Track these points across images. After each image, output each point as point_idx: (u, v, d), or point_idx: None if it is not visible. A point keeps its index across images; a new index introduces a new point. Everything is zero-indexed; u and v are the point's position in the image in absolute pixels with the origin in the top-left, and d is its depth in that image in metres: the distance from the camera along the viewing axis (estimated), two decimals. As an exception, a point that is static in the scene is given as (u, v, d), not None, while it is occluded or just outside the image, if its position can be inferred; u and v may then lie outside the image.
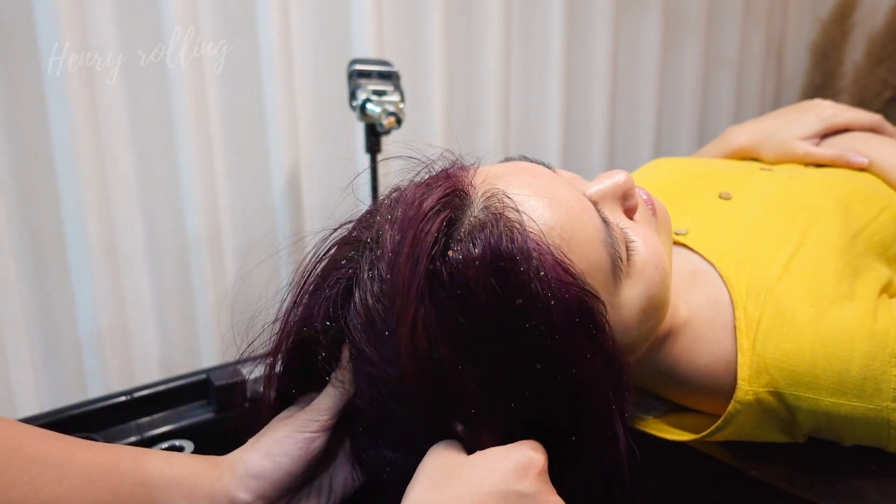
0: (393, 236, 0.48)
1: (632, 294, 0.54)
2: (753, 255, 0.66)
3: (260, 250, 1.14)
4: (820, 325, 0.60)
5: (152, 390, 0.81)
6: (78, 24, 0.98)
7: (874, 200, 0.75)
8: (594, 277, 0.51)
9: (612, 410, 0.51)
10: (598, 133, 1.57)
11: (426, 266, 0.47)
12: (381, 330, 0.48)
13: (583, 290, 0.49)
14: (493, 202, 0.50)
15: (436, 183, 0.51)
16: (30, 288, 1.05)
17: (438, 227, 0.48)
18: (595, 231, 0.52)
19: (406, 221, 0.48)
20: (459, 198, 0.50)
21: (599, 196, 0.56)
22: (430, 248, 0.47)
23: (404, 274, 0.46)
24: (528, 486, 0.46)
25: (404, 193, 0.51)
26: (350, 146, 1.24)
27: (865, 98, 1.79)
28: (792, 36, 1.97)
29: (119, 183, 1.08)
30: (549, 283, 0.48)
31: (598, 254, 0.52)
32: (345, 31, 1.21)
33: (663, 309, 0.58)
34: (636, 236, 0.55)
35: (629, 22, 1.59)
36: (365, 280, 0.49)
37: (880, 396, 0.58)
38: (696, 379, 0.64)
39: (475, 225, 0.48)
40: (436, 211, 0.48)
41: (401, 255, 0.47)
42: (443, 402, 0.48)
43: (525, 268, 0.47)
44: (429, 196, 0.49)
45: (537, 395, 0.49)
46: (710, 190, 0.78)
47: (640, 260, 0.55)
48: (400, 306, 0.46)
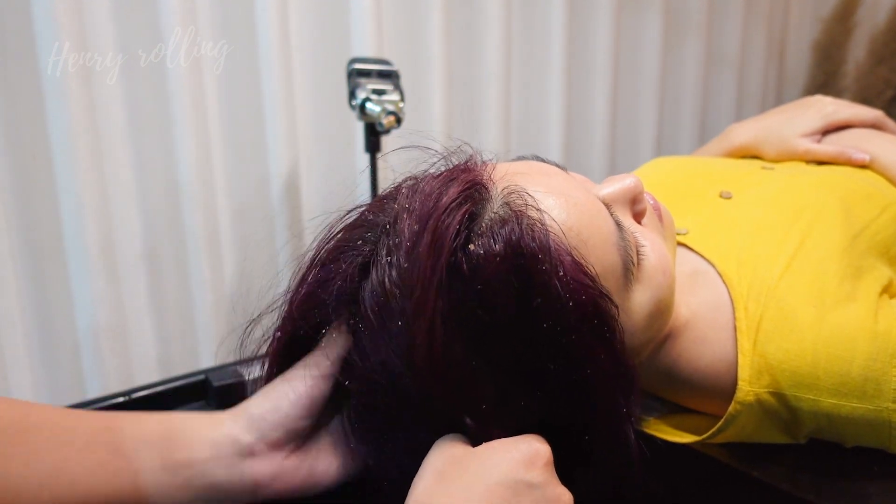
0: (411, 226, 0.48)
1: (640, 299, 0.55)
2: (754, 255, 0.66)
3: (259, 250, 1.14)
4: (821, 325, 0.60)
5: (151, 391, 0.80)
6: (77, 24, 0.98)
7: (876, 200, 0.75)
8: (607, 280, 0.51)
9: (621, 412, 0.51)
10: (599, 132, 1.57)
11: (447, 259, 0.46)
12: (396, 316, 0.48)
13: (599, 293, 0.50)
14: (514, 199, 0.50)
15: (455, 176, 0.51)
16: (28, 287, 1.05)
17: (460, 220, 0.47)
18: (609, 234, 0.53)
19: (426, 212, 0.48)
20: (479, 192, 0.50)
21: (611, 199, 0.56)
22: (451, 240, 0.47)
23: (424, 266, 0.46)
24: (535, 476, 0.46)
25: (422, 184, 0.51)
26: (349, 145, 1.24)
27: (868, 97, 1.78)
28: (794, 35, 1.96)
29: (117, 182, 1.08)
30: (567, 284, 0.48)
31: (612, 257, 0.52)
32: (344, 30, 1.20)
33: (668, 313, 0.59)
34: (646, 241, 0.56)
35: (630, 20, 1.58)
36: (383, 263, 0.49)
37: (881, 397, 0.58)
38: (696, 380, 0.64)
39: (496, 220, 0.48)
40: (458, 203, 0.48)
41: (420, 245, 0.47)
42: (453, 395, 0.48)
43: (545, 267, 0.47)
44: (449, 188, 0.49)
45: (548, 393, 0.49)
46: (711, 189, 0.78)
47: (649, 265, 0.55)
48: (419, 298, 0.46)
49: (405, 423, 0.51)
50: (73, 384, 1.09)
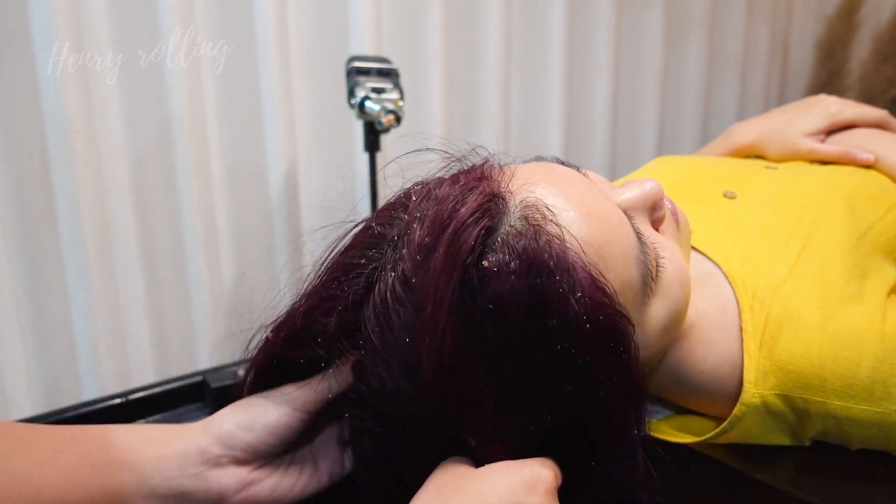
0: (423, 238, 0.46)
1: (657, 312, 0.53)
2: (759, 256, 0.66)
3: (257, 250, 1.13)
4: (828, 326, 0.59)
5: (148, 392, 0.80)
6: (77, 24, 0.98)
7: (881, 199, 0.74)
8: (625, 296, 0.50)
9: (632, 430, 0.50)
10: (600, 131, 1.56)
11: (460, 274, 0.45)
12: (401, 335, 0.46)
13: (617, 313, 0.48)
14: (532, 213, 0.48)
15: (472, 185, 0.48)
16: (24, 288, 1.04)
17: (477, 235, 0.45)
18: (630, 247, 0.51)
19: (440, 224, 0.46)
20: (497, 205, 0.48)
21: (631, 205, 0.54)
22: (466, 256, 0.45)
23: (437, 282, 0.44)
24: (535, 501, 0.45)
25: (436, 191, 0.49)
26: (348, 144, 1.23)
27: (872, 96, 1.77)
28: (797, 33, 1.95)
29: (114, 182, 1.08)
30: (585, 304, 0.46)
31: (631, 271, 0.51)
32: (343, 28, 1.20)
33: (681, 324, 0.57)
34: (664, 252, 0.54)
35: (631, 18, 1.58)
36: (389, 281, 0.47)
37: (889, 400, 0.57)
38: (701, 381, 0.63)
39: (513, 235, 0.46)
40: (475, 219, 0.46)
41: (432, 259, 0.45)
42: (458, 414, 0.47)
43: (562, 287, 0.45)
44: (466, 200, 0.47)
45: (558, 413, 0.48)
46: (715, 189, 0.77)
47: (667, 277, 0.53)
48: (430, 314, 0.44)
49: (407, 446, 0.50)
50: (70, 385, 1.09)
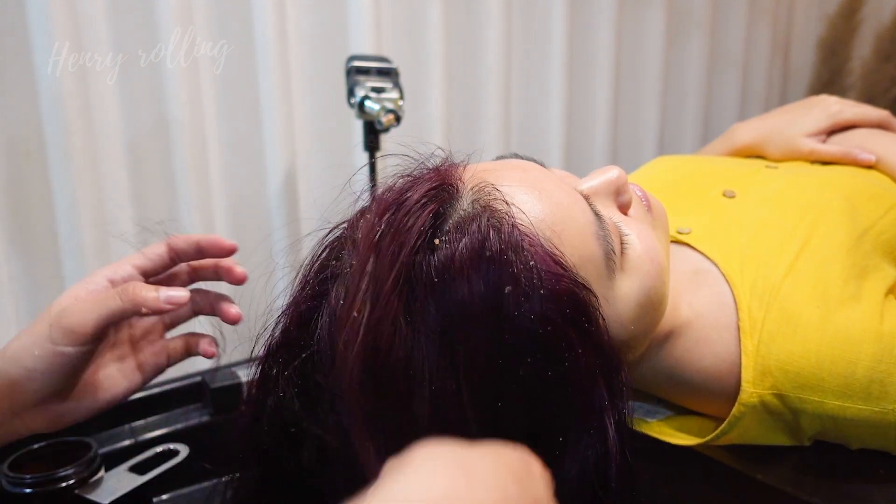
0: (374, 228, 0.48)
1: (627, 288, 0.54)
2: (758, 255, 0.65)
3: (256, 250, 1.13)
4: (826, 326, 0.59)
5: (147, 393, 0.80)
6: (75, 24, 0.98)
7: (881, 199, 0.74)
8: (586, 270, 0.51)
9: (605, 408, 0.49)
10: (601, 131, 1.56)
11: (408, 258, 0.46)
12: (356, 327, 0.46)
13: (574, 282, 0.49)
14: (482, 195, 0.49)
15: (423, 178, 0.51)
16: (22, 289, 1.04)
17: (424, 219, 0.47)
18: (586, 224, 0.52)
19: (389, 214, 0.48)
20: (447, 192, 0.49)
21: (591, 191, 0.55)
22: (414, 240, 0.46)
23: (385, 266, 0.46)
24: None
25: (392, 188, 0.51)
26: (348, 144, 1.23)
27: (873, 95, 1.77)
28: (798, 32, 1.95)
29: (113, 183, 1.08)
30: (539, 274, 0.47)
31: (591, 246, 0.51)
32: (343, 27, 1.20)
33: (661, 305, 0.57)
34: (630, 230, 0.55)
35: (632, 18, 1.57)
36: (345, 277, 0.49)
37: (886, 399, 0.57)
38: (699, 381, 0.63)
39: (463, 218, 0.48)
40: (422, 204, 0.48)
41: (381, 247, 0.46)
42: (419, 402, 0.46)
43: (514, 258, 0.46)
44: (415, 190, 0.49)
45: (524, 393, 0.48)
46: (714, 188, 0.77)
47: (634, 254, 0.54)
48: (381, 305, 0.45)
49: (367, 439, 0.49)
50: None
